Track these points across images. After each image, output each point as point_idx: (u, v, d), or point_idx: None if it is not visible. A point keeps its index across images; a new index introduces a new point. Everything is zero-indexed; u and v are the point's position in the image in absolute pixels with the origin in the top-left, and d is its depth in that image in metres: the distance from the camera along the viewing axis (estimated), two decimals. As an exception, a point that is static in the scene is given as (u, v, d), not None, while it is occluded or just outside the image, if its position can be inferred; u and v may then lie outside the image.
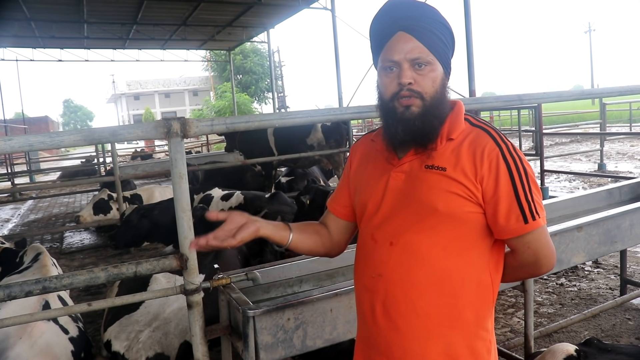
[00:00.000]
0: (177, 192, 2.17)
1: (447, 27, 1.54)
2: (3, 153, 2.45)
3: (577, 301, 4.71)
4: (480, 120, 1.57)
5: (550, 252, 1.52)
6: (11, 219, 12.14)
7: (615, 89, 4.21)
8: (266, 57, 38.85)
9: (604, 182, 10.18)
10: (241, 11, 15.46)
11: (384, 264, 1.58)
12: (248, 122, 2.48)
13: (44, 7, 13.60)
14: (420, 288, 1.52)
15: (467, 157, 1.48)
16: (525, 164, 1.48)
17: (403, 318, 1.54)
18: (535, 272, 1.58)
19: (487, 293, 1.54)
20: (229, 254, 4.08)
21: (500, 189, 1.45)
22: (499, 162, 1.46)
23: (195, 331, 2.29)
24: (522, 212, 1.45)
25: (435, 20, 1.52)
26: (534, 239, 1.48)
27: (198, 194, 7.06)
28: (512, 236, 1.48)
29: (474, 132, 1.53)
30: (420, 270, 1.51)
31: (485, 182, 1.46)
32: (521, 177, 1.46)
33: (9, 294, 1.97)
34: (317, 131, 9.09)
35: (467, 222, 1.49)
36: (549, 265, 1.55)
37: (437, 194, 1.49)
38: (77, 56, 19.69)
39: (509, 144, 1.49)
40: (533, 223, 1.45)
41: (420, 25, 1.49)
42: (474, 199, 1.47)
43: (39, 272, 3.72)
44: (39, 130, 40.92)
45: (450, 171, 1.49)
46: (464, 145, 1.50)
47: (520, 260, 1.54)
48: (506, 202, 1.45)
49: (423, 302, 1.51)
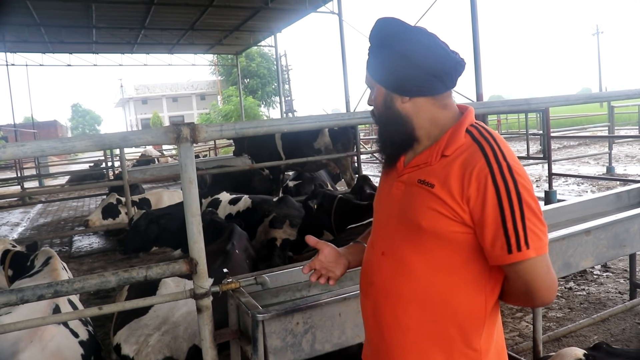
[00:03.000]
0: (187, 197, 2.18)
1: (386, 45, 1.52)
2: (16, 158, 2.47)
3: (586, 305, 4.69)
4: (484, 134, 1.48)
5: (545, 286, 1.41)
6: (21, 223, 12.21)
7: (623, 93, 4.19)
8: (272, 60, 38.94)
9: (613, 186, 10.12)
10: (248, 15, 15.54)
11: (376, 272, 1.61)
12: (257, 127, 2.49)
13: (53, 12, 13.72)
14: (405, 301, 1.52)
15: (456, 175, 1.42)
16: (521, 188, 1.37)
17: (387, 328, 1.56)
18: (529, 302, 1.48)
19: (478, 316, 1.48)
20: (237, 258, 4.10)
21: (486, 213, 1.38)
22: (487, 185, 1.38)
23: (205, 335, 2.30)
24: (507, 240, 1.36)
25: (372, 42, 1.56)
26: (524, 269, 1.38)
27: (206, 198, 7.08)
28: (497, 264, 1.41)
29: (471, 148, 1.45)
30: (406, 284, 1.51)
31: (472, 204, 1.40)
32: (511, 202, 1.36)
33: (22, 297, 1.99)
34: (325, 135, 9.10)
35: (452, 242, 1.44)
36: (544, 299, 1.44)
37: (422, 210, 1.47)
38: (85, 61, 19.87)
39: (505, 165, 1.39)
40: (519, 254, 1.36)
41: (368, 52, 1.59)
42: (458, 219, 1.42)
43: (49, 276, 3.75)
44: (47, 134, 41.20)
45: (437, 189, 1.44)
46: (457, 162, 1.44)
47: (513, 289, 1.47)
48: (492, 227, 1.38)
49: (406, 315, 1.52)
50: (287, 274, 2.94)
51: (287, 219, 5.93)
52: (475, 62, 8.93)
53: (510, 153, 1.43)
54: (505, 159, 1.40)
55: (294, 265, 3.05)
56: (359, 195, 5.81)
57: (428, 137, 1.55)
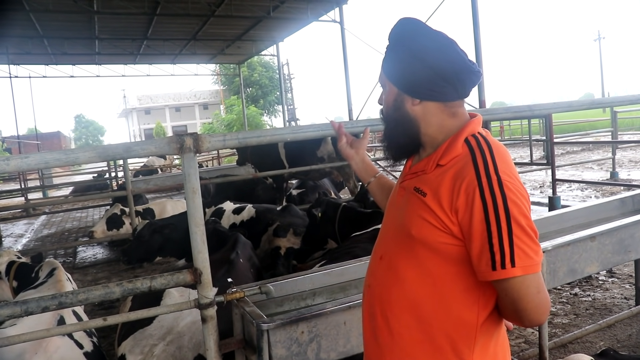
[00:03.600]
0: (191, 206, 2.18)
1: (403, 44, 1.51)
2: (20, 171, 2.48)
3: (591, 311, 4.67)
4: (481, 145, 1.44)
5: (534, 307, 1.35)
6: (25, 234, 12.23)
7: (626, 98, 4.19)
8: (274, 70, 39.06)
9: (617, 191, 10.10)
10: (250, 25, 15.60)
11: (373, 276, 1.62)
12: (260, 136, 2.50)
13: (56, 24, 13.81)
14: (396, 308, 1.51)
15: (447, 186, 1.40)
16: (510, 204, 1.33)
17: (379, 332, 1.56)
18: (517, 322, 1.42)
19: (469, 330, 1.44)
20: (241, 267, 4.09)
21: (473, 227, 1.35)
22: (475, 198, 1.35)
23: (210, 345, 2.29)
24: (492, 257, 1.32)
25: (391, 39, 1.55)
26: (510, 288, 1.34)
27: (210, 208, 7.08)
28: (483, 279, 1.38)
29: (464, 159, 1.43)
30: (397, 291, 1.51)
31: (460, 216, 1.37)
32: (498, 218, 1.32)
33: (26, 309, 1.99)
34: (328, 143, 9.10)
35: (442, 253, 1.42)
36: (532, 319, 1.37)
37: (413, 219, 1.46)
38: (88, 72, 19.96)
39: (495, 179, 1.35)
40: (502, 272, 1.32)
41: (385, 50, 1.58)
42: (447, 230, 1.40)
43: (54, 287, 3.74)
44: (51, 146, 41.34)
45: (428, 198, 1.43)
46: (449, 173, 1.42)
47: (501, 306, 1.42)
48: (478, 242, 1.35)
49: (396, 322, 1.51)
50: (291, 283, 2.94)
51: (291, 227, 5.92)
52: (477, 69, 8.93)
53: (505, 166, 1.39)
54: (497, 172, 1.36)
55: (298, 274, 3.04)
56: (362, 203, 5.81)
57: (432, 144, 1.54)
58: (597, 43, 51.36)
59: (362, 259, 3.16)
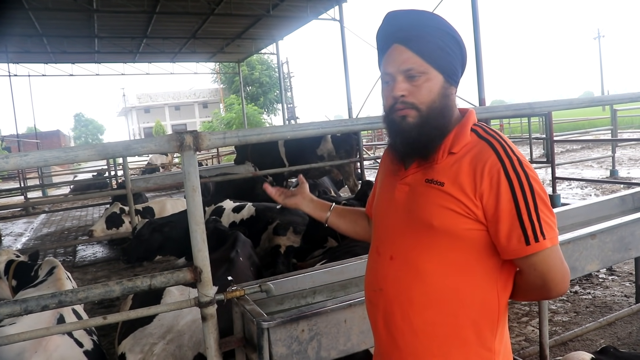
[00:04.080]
0: (191, 205, 2.18)
1: (450, 34, 1.50)
2: (19, 169, 2.48)
3: (592, 309, 4.67)
4: (489, 132, 1.49)
5: (560, 276, 1.42)
6: (24, 233, 12.22)
7: (626, 96, 4.18)
8: (273, 68, 39.03)
9: (617, 189, 10.10)
10: (250, 23, 15.59)
11: (384, 278, 1.58)
12: (260, 134, 2.49)
13: (55, 22, 13.80)
14: (418, 305, 1.49)
15: (467, 172, 1.42)
16: (533, 181, 1.39)
17: (400, 334, 1.53)
18: (544, 295, 1.49)
19: (492, 313, 1.48)
20: (241, 266, 4.09)
21: (501, 207, 1.38)
22: (500, 179, 1.38)
23: (210, 344, 2.29)
24: (524, 232, 1.37)
25: (433, 28, 1.49)
26: (540, 261, 1.39)
27: (209, 206, 7.07)
28: (514, 257, 1.41)
29: (478, 145, 1.46)
30: (418, 288, 1.49)
31: (485, 199, 1.40)
32: (525, 195, 1.37)
33: (26, 308, 1.98)
34: (327, 142, 9.11)
35: (465, 240, 1.44)
36: (560, 290, 1.45)
37: (433, 209, 1.46)
38: (88, 70, 19.94)
39: (515, 159, 1.40)
40: (536, 245, 1.37)
41: (414, 35, 1.48)
42: (472, 215, 1.42)
43: (53, 285, 3.74)
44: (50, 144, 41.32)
45: (448, 186, 1.44)
46: (466, 159, 1.44)
47: (528, 282, 1.46)
48: (507, 221, 1.38)
49: (420, 320, 1.49)
50: (291, 281, 2.93)
51: (290, 225, 5.92)
52: (478, 67, 8.93)
53: (516, 149, 1.45)
54: (515, 153, 1.42)
55: (298, 273, 3.04)
56: (362, 201, 5.80)
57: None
58: (597, 41, 51.42)
59: (362, 257, 3.15)
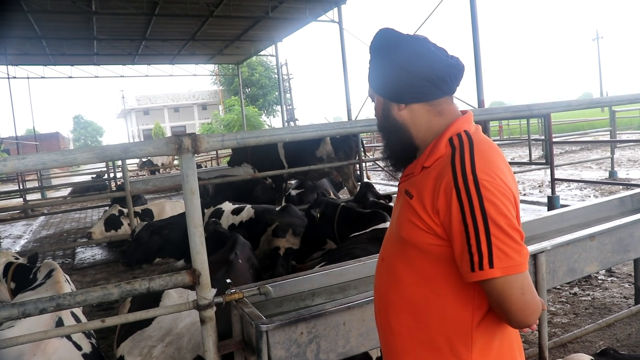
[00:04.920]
0: (189, 207, 2.18)
1: (379, 53, 1.55)
2: (18, 172, 2.47)
3: (591, 310, 4.67)
4: (463, 143, 1.45)
5: (518, 308, 1.33)
6: (23, 235, 12.21)
7: (625, 97, 4.19)
8: (273, 70, 39.02)
9: (615, 190, 10.10)
10: (249, 25, 15.58)
11: (377, 277, 1.67)
12: (259, 137, 2.49)
13: (54, 25, 13.79)
14: (395, 307, 1.55)
15: (430, 188, 1.42)
16: (487, 203, 1.32)
17: (383, 331, 1.63)
18: (506, 322, 1.40)
19: (464, 328, 1.44)
20: (240, 268, 4.08)
21: (453, 228, 1.36)
22: (452, 199, 1.35)
23: (209, 346, 2.29)
24: (470, 258, 1.32)
25: (372, 50, 1.57)
26: (491, 289, 1.34)
27: (208, 208, 7.07)
28: (466, 280, 1.37)
29: (446, 160, 1.44)
30: (396, 291, 1.54)
31: (442, 217, 1.38)
32: (475, 219, 1.31)
33: (24, 311, 1.98)
34: (327, 144, 9.10)
35: (430, 254, 1.44)
36: (519, 321, 1.36)
37: (403, 221, 1.50)
38: (87, 72, 19.91)
39: (472, 179, 1.34)
40: (481, 273, 1.31)
41: (368, 62, 1.60)
42: (431, 231, 1.41)
43: (52, 288, 3.73)
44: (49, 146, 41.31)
45: (414, 200, 1.45)
46: (432, 174, 1.44)
47: (491, 306, 1.41)
48: (459, 243, 1.35)
49: (396, 322, 1.55)
50: (290, 284, 2.93)
51: (290, 228, 5.92)
52: (477, 69, 8.93)
53: (484, 164, 1.38)
54: (475, 172, 1.35)
55: (297, 275, 3.04)
56: (362, 203, 5.80)
57: (424, 146, 1.55)
58: (596, 43, 51.43)
59: (361, 259, 3.15)
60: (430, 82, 1.49)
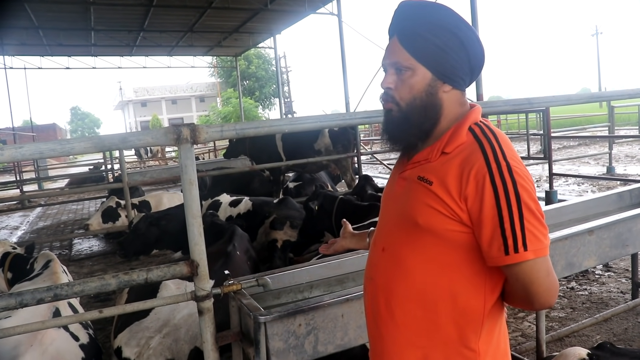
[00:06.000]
0: (188, 198, 2.17)
1: (451, 32, 1.46)
2: (15, 161, 2.46)
3: (588, 305, 4.68)
4: (486, 133, 1.45)
5: (544, 289, 1.37)
6: (20, 227, 12.19)
7: (624, 92, 4.18)
8: (270, 62, 38.95)
9: (613, 185, 10.12)
10: (247, 17, 15.53)
11: (375, 268, 1.61)
12: (258, 127, 2.48)
13: (51, 15, 13.72)
14: (401, 298, 1.51)
15: (455, 174, 1.40)
16: (520, 189, 1.35)
17: (384, 324, 1.56)
18: (528, 306, 1.44)
19: (476, 315, 1.45)
20: (238, 260, 4.08)
21: (484, 214, 1.35)
22: (485, 184, 1.35)
23: (207, 338, 2.28)
24: (504, 241, 1.33)
25: (431, 24, 1.46)
26: (521, 272, 1.35)
27: (206, 200, 7.07)
28: (495, 265, 1.39)
29: (471, 147, 1.43)
30: (402, 281, 1.50)
31: (470, 204, 1.38)
32: (509, 203, 1.33)
33: (21, 301, 1.97)
34: (325, 136, 9.08)
35: (449, 241, 1.42)
36: (543, 303, 1.40)
37: (419, 207, 1.45)
38: (84, 63, 19.85)
39: (505, 165, 1.37)
40: (516, 255, 1.33)
41: (409, 29, 1.47)
42: (456, 217, 1.40)
43: (49, 279, 3.73)
44: (47, 138, 41.16)
45: (435, 186, 1.42)
46: (456, 161, 1.42)
47: (512, 291, 1.44)
48: (490, 228, 1.35)
49: (401, 312, 1.51)
50: (288, 275, 2.93)
51: (287, 220, 5.91)
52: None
53: (511, 153, 1.41)
54: (506, 158, 1.38)
55: (295, 267, 3.03)
56: (360, 195, 5.80)
57: (438, 132, 1.52)
58: (595, 38, 51.39)
59: (359, 251, 3.14)
60: (473, 74, 1.52)
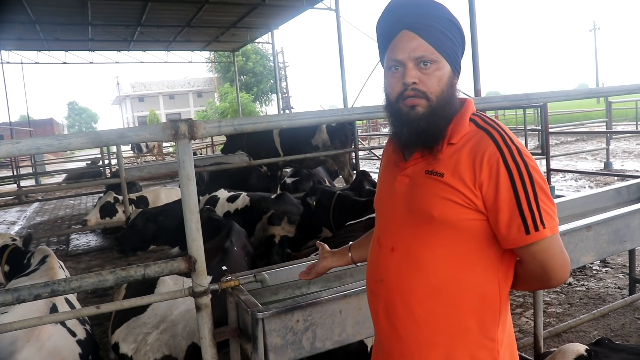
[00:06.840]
0: (185, 193, 2.16)
1: (456, 25, 1.50)
2: (12, 156, 2.44)
3: (585, 301, 4.69)
4: (488, 121, 1.49)
5: (561, 265, 1.42)
6: (17, 222, 12.17)
7: (623, 88, 4.18)
8: (268, 58, 38.85)
9: (610, 181, 10.13)
10: (245, 12, 15.46)
11: (385, 269, 1.58)
12: (256, 123, 2.47)
13: (48, 9, 13.64)
14: (419, 295, 1.50)
15: (467, 162, 1.42)
16: (532, 170, 1.39)
17: (402, 324, 1.54)
18: (545, 284, 1.49)
19: (494, 303, 1.48)
20: (236, 255, 4.08)
21: (500, 197, 1.38)
22: (499, 168, 1.38)
23: (204, 333, 2.28)
24: (524, 221, 1.37)
25: (442, 18, 1.48)
26: (540, 250, 1.39)
27: (204, 196, 7.06)
28: (514, 246, 1.41)
29: (477, 135, 1.45)
30: (419, 278, 1.49)
31: (485, 189, 1.39)
32: (524, 184, 1.37)
33: (18, 297, 1.96)
34: (322, 132, 9.07)
35: (466, 230, 1.44)
36: (560, 278, 1.45)
37: (433, 200, 1.45)
38: (81, 58, 19.75)
39: (515, 148, 1.40)
40: (536, 234, 1.37)
41: (425, 23, 1.47)
42: (472, 206, 1.41)
43: (46, 274, 3.72)
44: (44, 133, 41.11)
45: (447, 177, 1.43)
46: (465, 150, 1.44)
47: (528, 272, 1.46)
48: (507, 210, 1.38)
49: (421, 310, 1.50)
50: (286, 271, 2.92)
51: (285, 215, 5.91)
52: (473, 58, 8.90)
53: (516, 138, 1.44)
54: (514, 143, 1.42)
55: (293, 263, 3.02)
56: (358, 191, 5.79)
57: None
58: (592, 33, 51.41)
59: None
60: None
